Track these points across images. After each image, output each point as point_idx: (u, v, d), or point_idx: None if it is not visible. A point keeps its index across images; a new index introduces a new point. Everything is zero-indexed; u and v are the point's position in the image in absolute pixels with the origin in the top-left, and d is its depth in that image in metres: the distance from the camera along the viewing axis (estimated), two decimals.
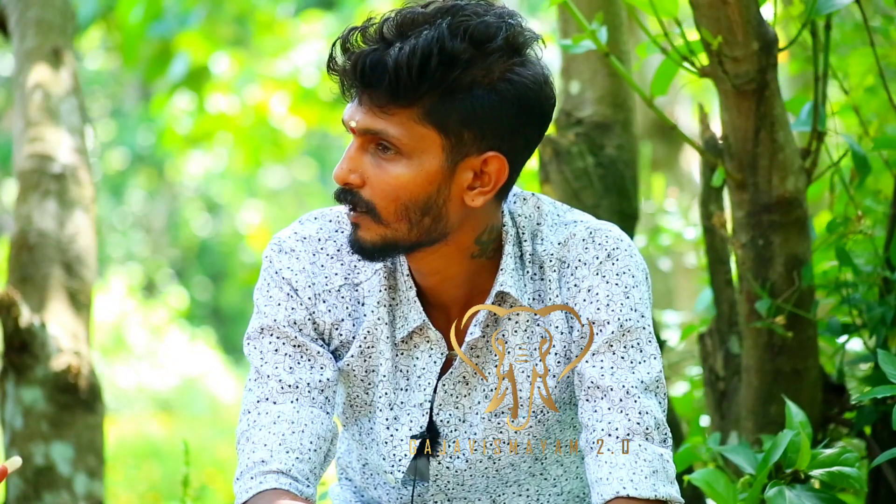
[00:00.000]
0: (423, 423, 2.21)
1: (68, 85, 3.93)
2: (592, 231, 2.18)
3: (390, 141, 2.07)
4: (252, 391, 2.18)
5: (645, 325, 2.15)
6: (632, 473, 2.09)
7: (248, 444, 2.15)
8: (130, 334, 11.80)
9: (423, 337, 2.20)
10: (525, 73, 2.07)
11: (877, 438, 2.87)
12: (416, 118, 2.06)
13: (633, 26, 3.45)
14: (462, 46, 2.03)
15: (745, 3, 2.62)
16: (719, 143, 2.83)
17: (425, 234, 2.11)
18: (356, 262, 2.21)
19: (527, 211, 2.20)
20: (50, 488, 3.62)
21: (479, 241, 2.16)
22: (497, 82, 2.06)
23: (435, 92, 2.05)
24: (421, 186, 2.08)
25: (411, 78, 2.03)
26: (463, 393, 2.21)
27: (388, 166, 2.08)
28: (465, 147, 2.08)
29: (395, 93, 2.04)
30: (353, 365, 2.21)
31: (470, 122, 2.06)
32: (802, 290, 2.79)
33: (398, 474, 2.23)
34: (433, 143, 2.07)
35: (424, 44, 2.02)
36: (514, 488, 2.27)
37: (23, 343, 3.64)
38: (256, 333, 2.20)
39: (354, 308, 2.21)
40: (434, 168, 2.08)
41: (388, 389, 2.21)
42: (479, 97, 2.06)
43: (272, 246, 2.22)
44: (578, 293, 2.16)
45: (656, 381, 2.15)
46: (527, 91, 2.07)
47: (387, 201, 2.09)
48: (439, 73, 2.03)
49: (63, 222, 3.80)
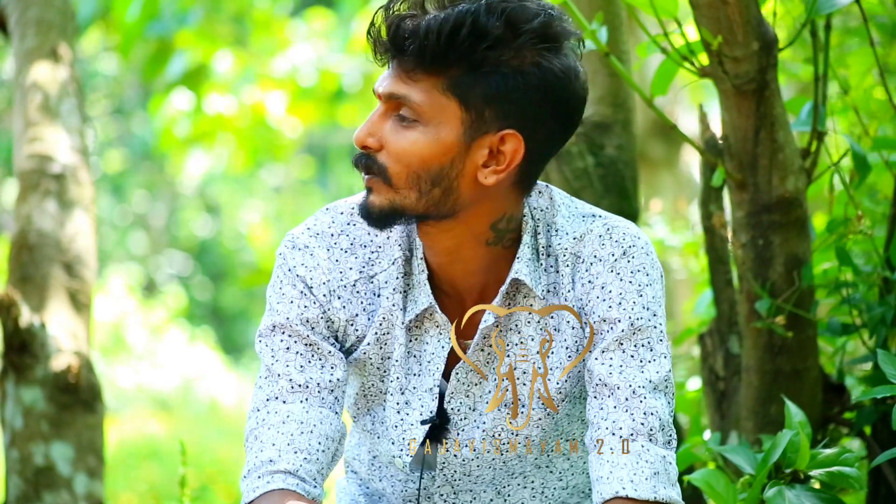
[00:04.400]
0: (432, 408, 2.21)
1: (68, 85, 3.93)
2: (610, 227, 2.18)
3: (411, 107, 2.08)
4: (262, 389, 2.18)
5: (657, 325, 2.16)
6: (632, 474, 2.09)
7: (256, 442, 2.15)
8: (130, 334, 11.79)
9: (432, 321, 2.20)
10: (555, 61, 2.08)
11: (877, 438, 2.87)
12: (440, 87, 2.07)
13: (633, 26, 3.45)
14: (496, 24, 2.04)
15: (745, 3, 2.62)
16: (719, 143, 2.83)
17: (434, 207, 2.11)
18: (370, 254, 2.21)
19: (542, 203, 2.21)
20: (50, 488, 3.62)
21: (496, 227, 2.16)
22: (526, 66, 2.06)
23: (462, 64, 2.05)
24: (434, 156, 2.09)
25: (439, 45, 2.04)
26: (475, 382, 2.22)
27: (406, 133, 2.09)
28: (485, 124, 2.08)
29: (423, 59, 2.06)
30: (370, 353, 2.22)
31: (493, 100, 2.07)
32: (802, 290, 2.79)
33: (406, 458, 2.23)
34: (453, 115, 2.08)
35: (458, 15, 2.04)
36: (519, 480, 2.28)
37: (23, 343, 3.64)
38: (268, 331, 2.20)
39: (370, 301, 2.21)
40: (450, 140, 2.09)
41: (401, 374, 2.21)
42: (505, 76, 2.06)
43: (286, 243, 2.22)
44: (592, 289, 2.17)
45: (665, 380, 2.15)
46: (554, 80, 2.08)
47: (400, 166, 2.09)
48: (467, 44, 2.04)
49: (63, 222, 3.80)
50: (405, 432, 2.23)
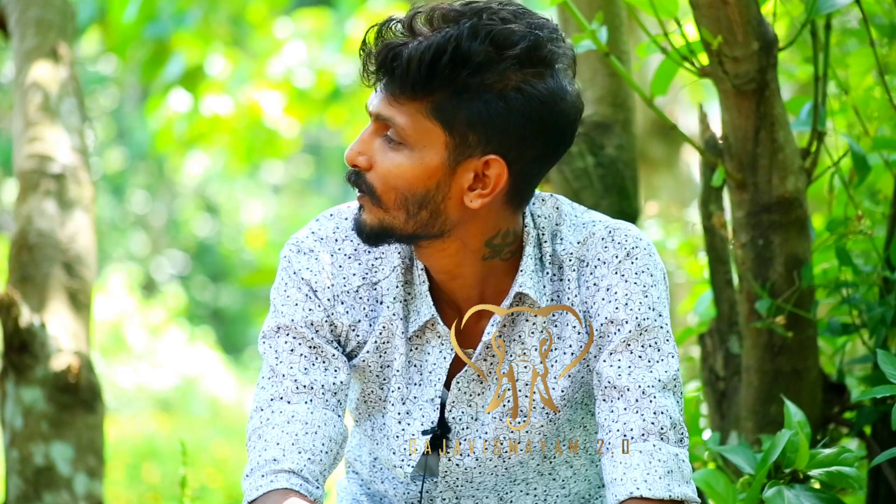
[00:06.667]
0: (433, 418, 2.21)
1: (68, 85, 3.93)
2: (612, 230, 2.19)
3: (397, 130, 2.09)
4: (265, 389, 2.18)
5: (662, 324, 2.16)
6: (646, 474, 2.10)
7: (259, 441, 2.15)
8: (130, 334, 11.79)
9: (434, 332, 2.20)
10: (539, 85, 2.07)
11: (877, 438, 2.87)
12: (424, 112, 2.07)
13: (633, 26, 3.45)
14: (479, 48, 2.04)
15: (745, 3, 2.62)
16: (719, 143, 2.83)
17: (422, 228, 2.12)
18: (373, 260, 2.22)
19: (546, 212, 2.21)
20: (50, 488, 3.62)
21: (490, 244, 2.16)
22: (509, 90, 2.06)
23: (446, 89, 2.06)
24: (419, 179, 2.09)
25: (420, 72, 2.04)
26: (476, 391, 2.22)
27: (393, 154, 2.10)
28: (469, 148, 2.08)
29: (407, 84, 2.06)
30: (369, 360, 2.22)
31: (476, 124, 2.07)
32: (802, 290, 2.79)
33: (408, 469, 2.23)
34: (437, 139, 2.08)
35: (441, 41, 2.04)
36: (521, 487, 2.28)
37: (23, 343, 3.64)
38: (272, 332, 2.20)
39: (372, 308, 2.22)
40: (435, 164, 2.09)
41: (402, 384, 2.22)
42: (488, 102, 2.06)
43: (290, 246, 2.22)
44: (597, 292, 2.17)
45: (674, 379, 2.15)
46: (538, 104, 2.07)
47: (386, 188, 2.10)
48: (449, 69, 2.04)
49: (63, 222, 3.80)
50: (406, 443, 2.23)
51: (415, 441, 2.22)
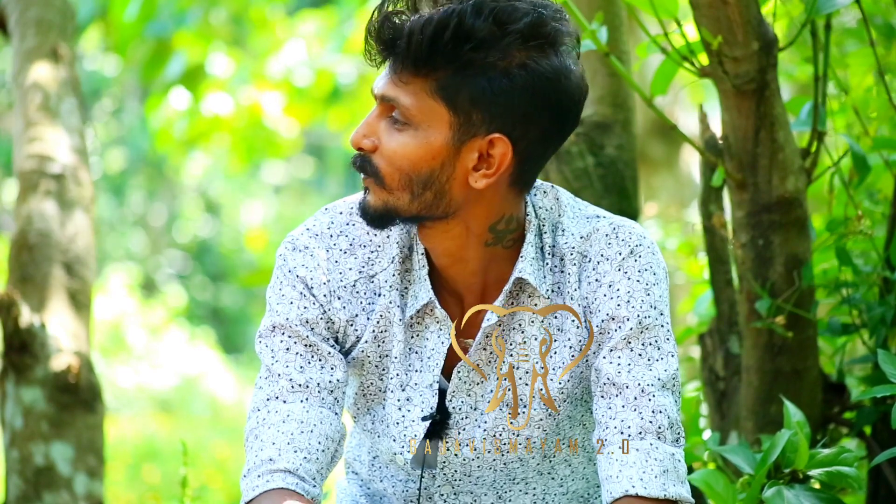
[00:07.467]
0: (433, 403, 2.21)
1: (68, 85, 3.93)
2: (616, 227, 2.18)
3: (401, 110, 2.08)
4: (262, 389, 2.18)
5: (663, 323, 2.16)
6: (641, 472, 2.10)
7: (256, 441, 2.15)
8: (130, 334, 11.79)
9: (432, 317, 2.20)
10: (543, 62, 2.06)
11: (877, 438, 2.87)
12: (428, 91, 2.07)
13: (633, 26, 3.45)
14: (482, 25, 2.02)
15: (745, 3, 2.62)
16: (719, 143, 2.83)
17: (426, 209, 2.11)
18: (369, 254, 2.21)
19: (547, 203, 2.21)
20: (50, 488, 3.62)
21: (494, 229, 2.15)
22: (512, 67, 2.05)
23: (450, 66, 2.04)
24: (424, 159, 2.09)
25: (422, 48, 2.03)
26: (476, 381, 2.21)
27: (398, 135, 2.09)
28: (473, 127, 2.07)
29: (410, 62, 2.05)
30: (368, 351, 2.22)
31: (479, 102, 2.06)
32: (802, 290, 2.79)
33: (407, 455, 2.23)
34: (441, 119, 2.07)
35: (443, 16, 2.02)
36: (520, 486, 2.27)
37: (23, 343, 3.64)
38: (268, 331, 2.20)
39: (370, 301, 2.21)
40: (439, 143, 2.08)
41: (401, 371, 2.21)
42: (491, 79, 2.05)
43: (285, 244, 2.22)
44: (599, 288, 2.17)
45: (673, 378, 2.15)
46: (543, 81, 2.06)
47: (391, 169, 2.10)
48: (451, 45, 2.03)
49: (63, 222, 3.80)
50: (406, 429, 2.22)
51: (415, 425, 2.21)
